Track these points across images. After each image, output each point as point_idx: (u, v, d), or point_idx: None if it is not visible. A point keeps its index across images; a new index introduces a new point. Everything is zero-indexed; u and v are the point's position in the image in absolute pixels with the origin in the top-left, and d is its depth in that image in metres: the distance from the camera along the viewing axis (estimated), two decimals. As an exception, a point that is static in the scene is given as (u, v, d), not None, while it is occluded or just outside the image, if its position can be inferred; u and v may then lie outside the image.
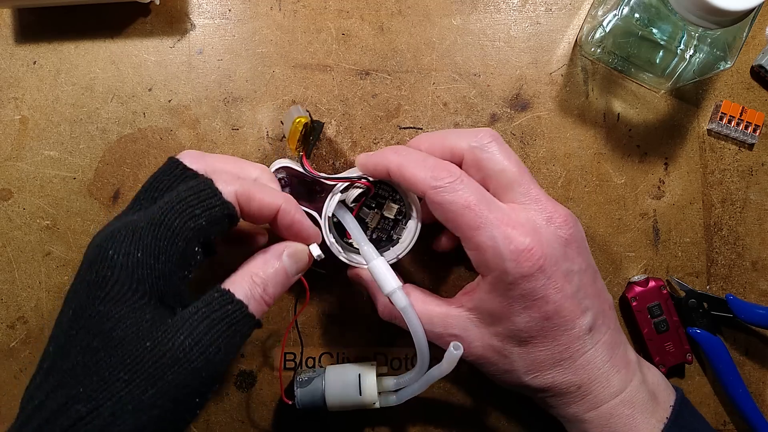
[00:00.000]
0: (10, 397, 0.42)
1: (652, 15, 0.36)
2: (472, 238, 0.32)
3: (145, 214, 0.29)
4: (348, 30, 0.43)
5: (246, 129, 0.43)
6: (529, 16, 0.43)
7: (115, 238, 0.28)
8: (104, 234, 0.28)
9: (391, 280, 0.34)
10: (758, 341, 0.42)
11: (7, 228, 0.42)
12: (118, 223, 0.29)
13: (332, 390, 0.37)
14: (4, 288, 0.42)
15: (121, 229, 0.28)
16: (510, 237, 0.31)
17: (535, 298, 0.32)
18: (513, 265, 0.31)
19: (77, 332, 0.27)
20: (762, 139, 0.43)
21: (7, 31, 0.43)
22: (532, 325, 0.32)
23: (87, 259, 0.28)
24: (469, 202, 0.32)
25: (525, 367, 0.34)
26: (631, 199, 0.43)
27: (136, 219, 0.29)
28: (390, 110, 0.43)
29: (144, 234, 0.27)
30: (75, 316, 0.27)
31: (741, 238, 0.43)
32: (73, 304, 0.28)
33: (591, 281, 0.34)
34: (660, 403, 0.34)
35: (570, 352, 0.33)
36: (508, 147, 0.34)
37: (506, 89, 0.43)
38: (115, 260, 0.27)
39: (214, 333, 0.27)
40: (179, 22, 0.43)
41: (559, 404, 0.34)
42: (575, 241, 0.33)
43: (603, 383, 0.33)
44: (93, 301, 0.27)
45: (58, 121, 0.43)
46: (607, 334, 0.34)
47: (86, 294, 0.27)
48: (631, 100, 0.43)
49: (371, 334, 0.42)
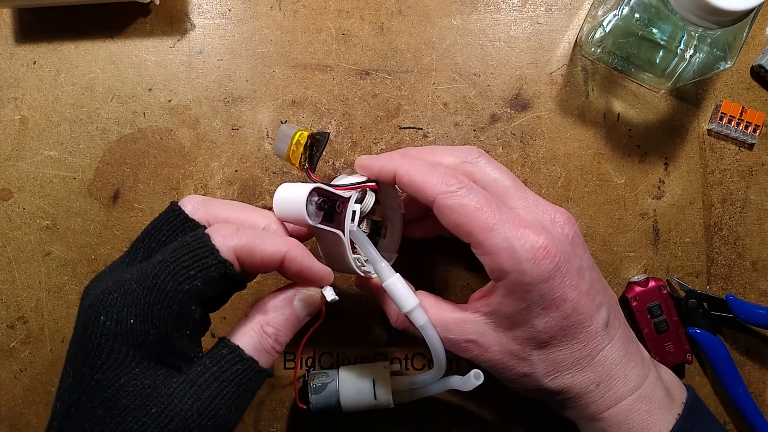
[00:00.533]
0: (10, 398, 0.42)
1: (652, 15, 0.36)
2: (486, 241, 0.31)
3: (139, 271, 0.27)
4: (348, 30, 0.43)
5: (246, 129, 0.43)
6: (529, 16, 0.43)
7: (107, 301, 0.26)
8: (96, 294, 0.27)
9: (409, 298, 0.33)
10: (758, 341, 0.42)
11: (7, 228, 0.42)
12: (111, 279, 0.28)
13: (347, 395, 0.38)
14: (4, 288, 0.42)
15: (113, 291, 0.27)
16: (524, 237, 0.31)
17: (554, 297, 0.31)
18: (530, 265, 0.31)
19: (80, 398, 0.26)
20: (762, 139, 0.43)
21: (7, 31, 0.43)
22: (552, 326, 0.32)
23: (81, 321, 0.27)
24: (481, 205, 0.31)
25: (545, 369, 0.33)
26: (631, 199, 0.43)
27: (129, 278, 0.27)
28: (390, 110, 0.43)
29: (137, 298, 0.26)
30: (76, 382, 0.26)
31: (741, 238, 0.43)
32: (72, 369, 0.27)
33: (599, 276, 0.35)
34: (675, 399, 0.34)
35: (589, 349, 0.33)
36: (496, 161, 0.35)
37: (506, 89, 0.43)
38: (108, 327, 0.26)
39: (224, 395, 0.27)
40: (179, 22, 0.43)
41: (577, 405, 0.34)
42: (579, 237, 0.34)
43: (621, 378, 0.33)
44: (91, 370, 0.26)
45: (58, 121, 0.43)
46: (621, 329, 0.34)
47: (84, 361, 0.26)
48: (631, 100, 0.43)
49: (371, 334, 0.42)
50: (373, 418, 0.41)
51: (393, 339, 0.42)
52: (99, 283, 0.29)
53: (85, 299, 0.28)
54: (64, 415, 0.26)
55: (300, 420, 0.42)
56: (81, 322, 0.27)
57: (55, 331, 0.42)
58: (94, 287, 0.29)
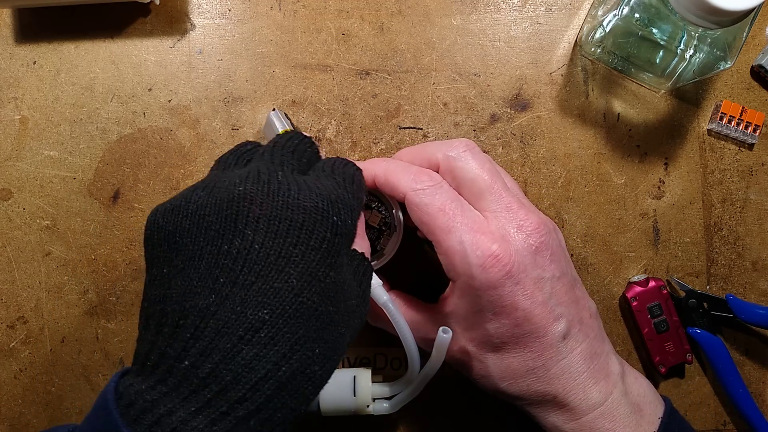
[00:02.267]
0: (10, 397, 0.42)
1: (652, 15, 0.36)
2: (443, 241, 0.32)
3: (328, 183, 0.29)
4: (348, 30, 0.43)
5: (246, 129, 0.43)
6: (529, 16, 0.43)
7: (335, 206, 0.28)
8: (319, 195, 0.28)
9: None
10: (758, 341, 0.42)
11: (7, 228, 0.42)
12: (294, 184, 0.28)
13: (326, 389, 0.37)
14: (4, 288, 0.42)
15: (330, 196, 0.28)
16: (478, 243, 0.31)
17: (503, 305, 0.32)
18: (479, 270, 0.31)
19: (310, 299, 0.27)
20: (762, 139, 0.43)
21: (7, 31, 0.43)
22: (503, 332, 0.32)
23: (308, 218, 0.26)
24: (444, 206, 0.32)
25: (499, 374, 0.34)
26: (631, 199, 0.43)
27: (330, 185, 0.29)
28: (390, 110, 0.43)
29: (348, 204, 0.29)
30: (303, 282, 0.25)
31: (741, 238, 0.43)
32: (295, 268, 0.25)
33: (566, 289, 0.34)
34: (645, 416, 0.34)
35: (543, 360, 0.33)
36: (483, 156, 0.35)
37: (506, 89, 0.43)
38: (339, 227, 0.27)
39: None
40: (179, 22, 0.43)
41: (538, 413, 0.34)
42: (547, 248, 0.33)
43: (580, 395, 0.33)
44: (326, 269, 0.26)
45: (58, 121, 0.43)
46: (585, 343, 0.34)
47: (314, 257, 0.26)
48: (631, 100, 0.43)
49: (371, 334, 0.42)
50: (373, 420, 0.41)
51: (393, 339, 0.42)
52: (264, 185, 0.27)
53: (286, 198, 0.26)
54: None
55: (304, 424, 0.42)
56: (309, 218, 0.26)
57: (55, 331, 0.42)
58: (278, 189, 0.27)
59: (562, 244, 0.35)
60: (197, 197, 0.26)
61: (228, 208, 0.25)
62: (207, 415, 0.23)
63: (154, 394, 0.23)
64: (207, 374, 0.23)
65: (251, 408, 0.23)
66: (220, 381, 0.23)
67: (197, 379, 0.23)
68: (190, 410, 0.22)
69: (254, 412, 0.23)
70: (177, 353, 0.23)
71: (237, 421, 0.23)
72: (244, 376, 0.23)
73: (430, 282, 0.42)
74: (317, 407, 0.37)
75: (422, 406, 0.41)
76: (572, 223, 0.43)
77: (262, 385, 0.23)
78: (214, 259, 0.25)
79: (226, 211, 0.25)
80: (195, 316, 0.24)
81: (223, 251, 0.25)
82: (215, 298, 0.24)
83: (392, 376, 0.40)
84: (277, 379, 0.23)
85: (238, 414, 0.23)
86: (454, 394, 0.42)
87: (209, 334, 0.23)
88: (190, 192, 0.27)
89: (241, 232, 0.25)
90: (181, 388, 0.23)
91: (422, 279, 0.42)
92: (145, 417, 0.22)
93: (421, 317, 0.36)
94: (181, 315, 0.24)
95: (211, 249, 0.25)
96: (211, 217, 0.25)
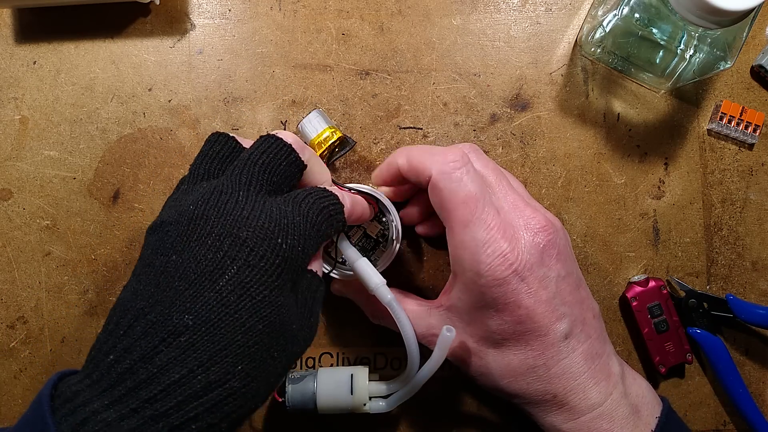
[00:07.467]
0: (10, 397, 0.42)
1: (652, 15, 0.36)
2: (458, 234, 0.32)
3: (293, 205, 0.29)
4: (348, 30, 0.43)
5: (246, 129, 0.43)
6: (529, 16, 0.43)
7: (284, 228, 0.28)
8: (268, 217, 0.28)
9: (374, 276, 0.34)
10: (758, 341, 0.42)
11: (7, 228, 0.42)
12: (256, 207, 0.28)
13: (323, 387, 0.37)
14: (4, 288, 0.42)
15: (281, 220, 0.28)
16: (490, 241, 0.32)
17: (507, 302, 0.32)
18: (486, 268, 0.31)
19: (245, 318, 0.27)
20: (762, 139, 0.43)
21: (7, 31, 0.43)
22: (504, 328, 0.33)
23: (260, 239, 0.27)
24: (468, 197, 0.32)
25: (499, 371, 0.34)
26: (631, 199, 0.43)
27: (290, 210, 0.29)
28: (390, 110, 0.43)
29: (302, 231, 0.29)
30: (236, 300, 0.26)
31: (741, 238, 0.43)
32: (230, 284, 0.27)
33: (571, 288, 0.34)
34: (643, 417, 0.34)
35: (544, 359, 0.33)
36: (487, 158, 0.35)
37: (506, 89, 0.43)
38: (284, 251, 0.27)
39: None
40: (179, 22, 0.43)
41: (536, 412, 0.34)
42: (554, 247, 0.33)
43: (580, 395, 0.33)
44: (263, 288, 0.27)
45: (58, 121, 0.43)
46: (587, 343, 0.34)
47: (251, 277, 0.27)
48: (631, 100, 0.43)
49: (371, 334, 0.42)
50: (371, 420, 0.41)
51: (393, 339, 0.42)
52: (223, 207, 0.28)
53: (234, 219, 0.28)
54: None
55: (304, 423, 0.42)
56: (252, 236, 0.27)
57: (55, 331, 0.42)
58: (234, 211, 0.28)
59: (568, 243, 0.35)
60: (167, 215, 0.29)
61: (186, 224, 0.27)
62: (117, 410, 0.23)
63: (80, 386, 0.24)
64: (125, 370, 0.24)
65: (160, 410, 0.23)
66: (135, 378, 0.24)
67: (116, 374, 0.24)
68: (104, 403, 0.23)
69: (163, 415, 0.24)
70: (107, 349, 0.25)
71: (144, 421, 0.23)
72: (157, 377, 0.24)
73: (430, 282, 0.42)
74: (314, 405, 0.37)
75: (420, 405, 0.42)
76: (572, 223, 0.43)
77: (173, 390, 0.24)
78: (162, 268, 0.26)
79: (183, 227, 0.27)
80: (131, 317, 0.25)
81: (171, 261, 0.26)
82: (150, 301, 0.25)
83: (392, 376, 0.40)
84: (191, 386, 0.24)
85: (146, 413, 0.23)
86: (453, 393, 0.42)
87: (136, 333, 0.25)
88: (165, 209, 0.30)
89: (188, 246, 0.27)
90: (102, 382, 0.24)
91: (422, 279, 0.42)
92: (65, 406, 0.24)
93: (421, 312, 0.36)
94: (122, 315, 0.26)
95: (162, 259, 0.27)
96: (171, 233, 0.27)
